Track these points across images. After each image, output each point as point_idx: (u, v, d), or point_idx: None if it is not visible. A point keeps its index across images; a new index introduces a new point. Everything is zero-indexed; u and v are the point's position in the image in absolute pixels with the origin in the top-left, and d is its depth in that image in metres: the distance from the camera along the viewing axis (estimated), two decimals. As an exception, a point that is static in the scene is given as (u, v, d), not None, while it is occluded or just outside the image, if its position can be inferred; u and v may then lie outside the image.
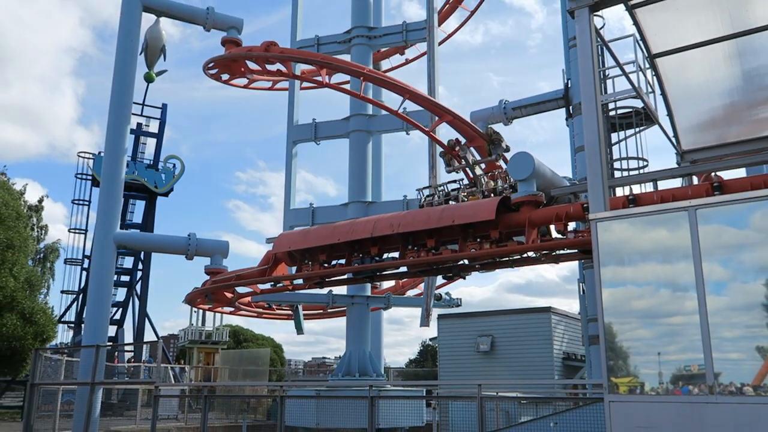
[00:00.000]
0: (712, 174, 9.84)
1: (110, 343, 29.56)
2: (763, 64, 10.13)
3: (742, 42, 9.49)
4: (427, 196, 12.54)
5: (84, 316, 28.28)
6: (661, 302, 6.60)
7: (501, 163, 14.26)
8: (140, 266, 38.42)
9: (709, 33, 9.25)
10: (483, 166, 14.05)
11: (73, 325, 37.51)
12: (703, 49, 9.65)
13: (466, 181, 13.10)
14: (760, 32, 9.07)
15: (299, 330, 19.81)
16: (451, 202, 11.91)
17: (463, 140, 14.51)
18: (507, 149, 14.10)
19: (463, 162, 13.63)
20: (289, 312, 22.01)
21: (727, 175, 10.24)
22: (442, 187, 12.65)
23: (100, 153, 37.22)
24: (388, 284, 21.70)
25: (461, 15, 24.58)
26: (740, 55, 9.92)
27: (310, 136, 19.09)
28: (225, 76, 18.22)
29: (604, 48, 10.61)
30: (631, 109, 16.25)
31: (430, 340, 57.39)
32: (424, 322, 16.72)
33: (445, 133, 16.11)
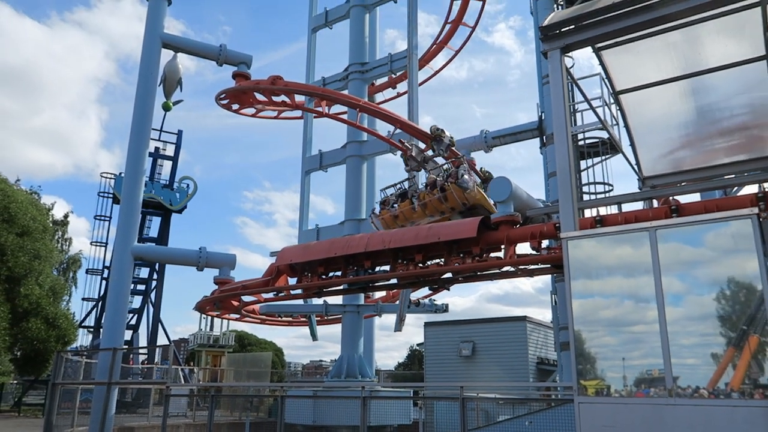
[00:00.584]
0: (670, 198, 9.89)
1: (126, 346, 29.24)
2: (714, 101, 10.25)
3: (695, 81, 9.61)
4: (386, 187, 12.76)
5: (103, 321, 27.98)
6: (625, 312, 6.60)
7: (441, 160, 13.58)
8: (155, 276, 38.17)
9: (666, 73, 9.36)
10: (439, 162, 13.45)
11: (92, 329, 37.10)
12: (661, 87, 9.77)
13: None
14: (710, 73, 9.19)
15: (314, 337, 19.72)
16: (414, 201, 11.97)
17: (417, 141, 14.26)
18: (451, 143, 13.56)
19: (415, 162, 13.22)
20: (289, 319, 21.85)
21: (683, 199, 10.31)
22: (399, 185, 12.66)
23: (120, 174, 37.10)
24: (379, 294, 21.62)
25: (448, 53, 24.81)
26: (694, 92, 10.04)
27: (317, 165, 19.50)
28: (235, 106, 18.27)
29: (574, 85, 10.70)
30: (597, 140, 16.36)
31: (418, 345, 57.07)
32: (398, 327, 16.69)
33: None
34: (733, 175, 11.45)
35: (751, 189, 11.19)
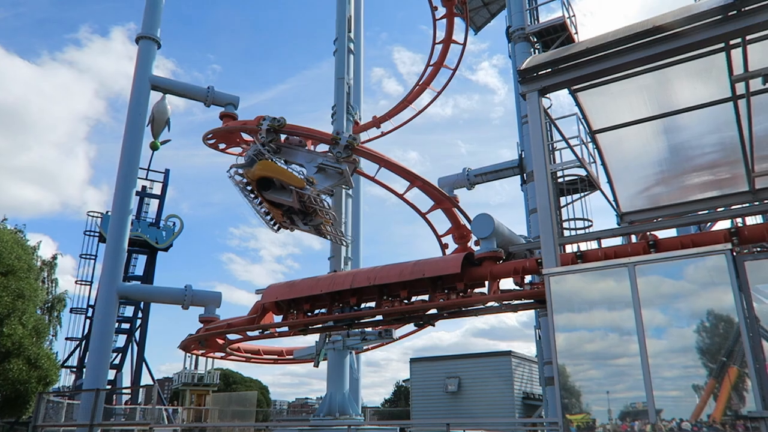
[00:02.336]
0: (648, 233, 10.03)
1: (109, 387, 28.44)
2: (686, 140, 10.52)
3: (668, 121, 9.88)
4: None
5: (86, 361, 27.28)
6: (608, 345, 6.61)
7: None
8: (140, 315, 37.46)
9: (640, 113, 9.62)
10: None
11: (75, 369, 36.12)
12: (636, 127, 10.02)
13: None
14: (681, 113, 9.47)
15: (317, 363, 18.85)
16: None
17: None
18: (350, 145, 13.92)
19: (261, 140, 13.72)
20: (275, 357, 21.49)
21: (660, 234, 10.46)
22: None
23: (107, 212, 36.79)
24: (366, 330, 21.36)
25: (433, 92, 25.23)
26: (666, 131, 10.30)
27: None
28: (222, 145, 18.32)
29: (552, 124, 10.94)
30: (576, 177, 16.61)
31: (404, 381, 56.30)
32: (317, 363, 16.56)
33: (415, 195, 16.29)
34: (706, 211, 11.67)
35: (724, 224, 11.42)
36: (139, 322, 37.32)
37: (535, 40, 17.22)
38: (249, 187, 13.02)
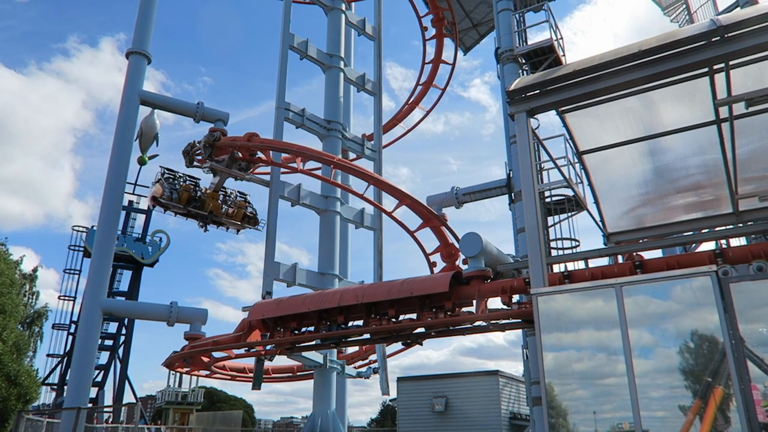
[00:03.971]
0: (634, 254, 10.11)
1: (90, 405, 27.90)
2: (670, 161, 10.67)
3: (653, 143, 10.02)
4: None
5: (67, 378, 26.78)
6: (597, 365, 6.62)
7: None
8: (123, 331, 36.95)
9: (625, 135, 9.75)
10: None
11: (56, 386, 35.44)
12: (622, 148, 10.14)
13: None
14: (665, 136, 9.61)
15: (257, 385, 17.87)
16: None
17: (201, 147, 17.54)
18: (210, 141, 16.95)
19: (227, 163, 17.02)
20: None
21: (647, 254, 10.56)
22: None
23: (93, 227, 36.43)
24: (352, 349, 21.23)
25: (426, 105, 25.44)
26: (652, 153, 10.44)
27: (296, 197, 18.33)
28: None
29: (540, 145, 11.05)
30: (563, 197, 16.76)
31: (390, 401, 55.86)
32: (386, 390, 16.28)
33: (404, 213, 16.33)
34: (691, 232, 11.80)
35: (708, 245, 11.55)
36: (122, 338, 36.81)
37: (524, 61, 17.46)
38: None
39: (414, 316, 10.96)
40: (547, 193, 16.96)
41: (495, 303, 10.61)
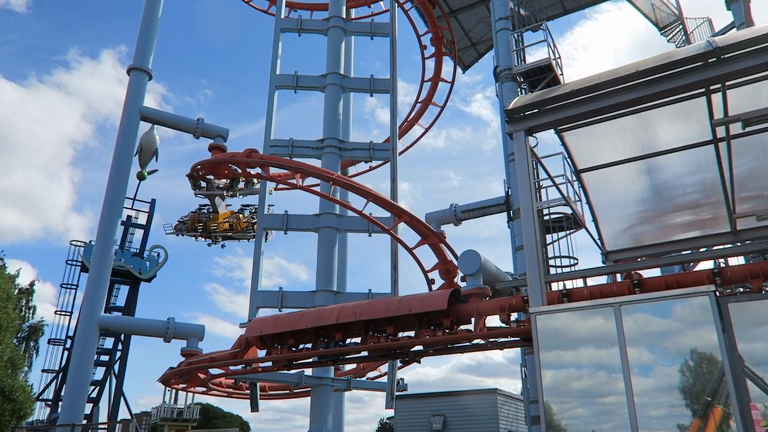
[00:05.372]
0: (633, 272, 10.11)
1: (85, 422, 27.61)
2: (668, 180, 10.71)
3: (650, 161, 10.06)
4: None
5: (62, 394, 26.54)
6: (596, 383, 6.58)
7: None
8: (119, 346, 36.66)
9: (623, 154, 9.80)
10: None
11: (51, 402, 35.04)
12: (619, 167, 10.19)
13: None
14: (662, 155, 9.66)
15: (254, 407, 17.92)
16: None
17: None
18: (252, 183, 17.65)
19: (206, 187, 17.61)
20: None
21: (645, 272, 10.55)
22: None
23: (91, 242, 36.33)
24: (350, 367, 21.11)
25: (426, 122, 25.51)
26: (649, 171, 10.48)
27: (281, 225, 18.57)
28: (210, 177, 18.31)
29: (538, 163, 11.09)
30: (562, 215, 16.78)
31: (388, 419, 55.31)
32: (390, 403, 16.13)
33: (402, 229, 16.33)
34: (689, 251, 11.80)
35: (706, 264, 11.55)
36: (118, 354, 36.51)
37: (522, 80, 17.60)
38: None
39: (412, 333, 10.92)
40: (545, 211, 16.98)
41: (494, 321, 10.58)
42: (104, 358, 36.29)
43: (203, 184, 17.38)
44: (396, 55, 19.50)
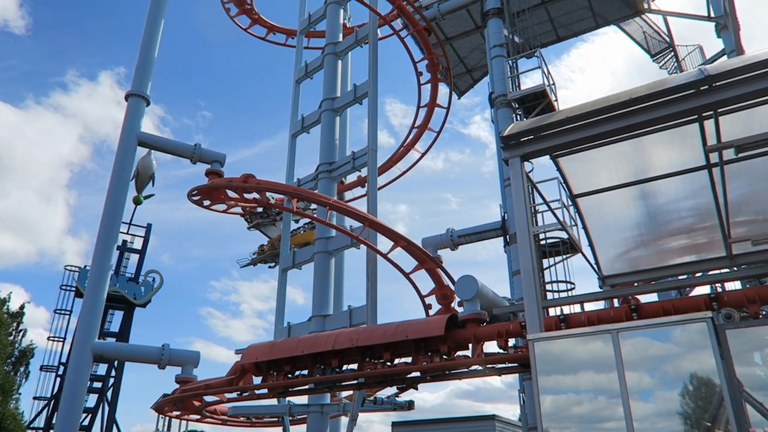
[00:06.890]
0: (630, 297, 10.10)
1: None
2: (662, 204, 10.78)
3: (645, 187, 10.14)
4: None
5: (54, 422, 26.11)
6: (595, 409, 6.54)
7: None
8: (113, 373, 36.19)
9: (618, 179, 9.88)
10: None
11: (41, 430, 34.44)
12: (614, 191, 10.26)
13: None
14: (657, 180, 9.74)
15: None
16: None
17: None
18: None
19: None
20: (252, 420, 20.77)
21: (642, 297, 10.54)
22: None
23: (85, 267, 36.16)
24: (346, 393, 20.85)
25: (425, 144, 25.57)
26: (644, 196, 10.56)
27: (291, 263, 19.01)
28: (206, 202, 18.31)
29: (534, 188, 11.16)
30: (558, 239, 16.82)
31: (384, 445, 54.48)
32: (350, 428, 15.79)
33: (399, 254, 16.30)
34: (685, 275, 11.82)
35: (703, 288, 11.56)
36: (111, 380, 36.03)
37: (517, 106, 17.80)
38: None
39: (409, 359, 10.83)
40: (541, 236, 17.01)
41: (491, 347, 10.52)
42: (97, 384, 35.80)
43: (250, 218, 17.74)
44: (377, 46, 19.62)
